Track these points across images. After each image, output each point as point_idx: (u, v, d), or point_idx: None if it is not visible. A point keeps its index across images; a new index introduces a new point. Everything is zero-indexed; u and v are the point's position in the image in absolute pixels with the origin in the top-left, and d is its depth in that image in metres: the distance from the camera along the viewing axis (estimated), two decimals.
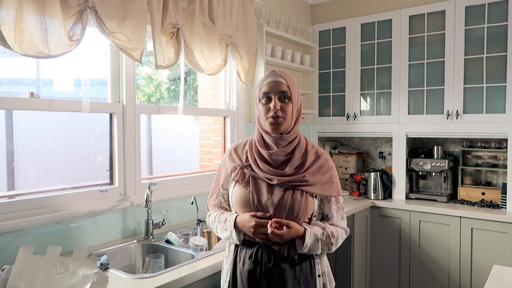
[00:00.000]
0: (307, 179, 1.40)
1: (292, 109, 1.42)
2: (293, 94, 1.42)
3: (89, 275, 1.32)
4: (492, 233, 2.62)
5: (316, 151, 1.48)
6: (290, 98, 1.41)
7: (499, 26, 2.72)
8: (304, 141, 1.48)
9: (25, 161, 1.93)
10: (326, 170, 1.45)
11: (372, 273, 3.09)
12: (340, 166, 3.59)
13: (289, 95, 1.41)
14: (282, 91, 1.41)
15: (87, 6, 1.64)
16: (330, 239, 1.39)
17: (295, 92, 1.43)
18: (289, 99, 1.41)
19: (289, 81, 1.42)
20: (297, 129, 1.46)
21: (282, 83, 1.41)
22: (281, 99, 1.41)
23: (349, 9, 3.38)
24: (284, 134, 1.43)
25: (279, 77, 1.42)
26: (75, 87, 2.04)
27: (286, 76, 1.43)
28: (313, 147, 1.49)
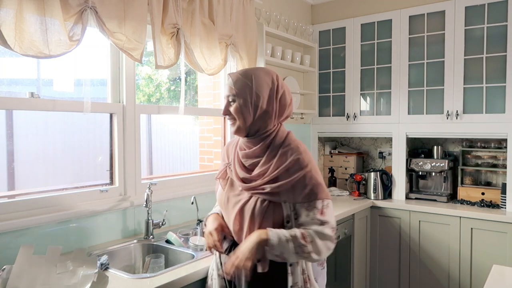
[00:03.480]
0: (269, 186, 1.31)
1: (240, 109, 1.33)
2: (238, 94, 1.33)
3: (89, 275, 1.32)
4: (492, 233, 2.62)
5: (286, 152, 1.34)
6: (236, 98, 1.34)
7: (499, 26, 2.72)
8: (280, 141, 1.37)
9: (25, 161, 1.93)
10: (294, 173, 1.30)
11: (372, 273, 3.09)
12: (340, 166, 3.59)
13: (234, 96, 1.34)
14: (228, 94, 1.36)
15: (87, 6, 1.64)
16: (300, 241, 1.24)
17: (242, 92, 1.33)
18: (235, 99, 1.34)
19: (235, 81, 1.34)
20: (269, 129, 1.36)
21: (230, 86, 1.36)
22: (230, 102, 1.36)
23: (349, 9, 3.38)
24: (249, 136, 1.37)
25: (228, 80, 1.37)
26: (75, 87, 2.04)
27: (234, 77, 1.36)
28: (287, 147, 1.36)
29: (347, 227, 2.78)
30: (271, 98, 1.35)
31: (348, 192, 3.39)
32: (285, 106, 1.40)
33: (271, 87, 1.35)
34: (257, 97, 1.33)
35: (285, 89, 1.40)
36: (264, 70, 1.39)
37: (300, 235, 1.25)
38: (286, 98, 1.39)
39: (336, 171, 3.60)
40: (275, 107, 1.36)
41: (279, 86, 1.37)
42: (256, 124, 1.34)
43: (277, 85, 1.36)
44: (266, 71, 1.39)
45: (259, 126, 1.35)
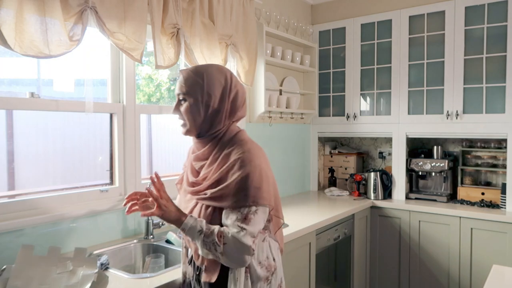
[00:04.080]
0: (209, 190, 1.24)
1: (190, 109, 1.26)
2: (189, 93, 1.26)
3: (89, 275, 1.32)
4: (491, 233, 2.62)
5: (230, 152, 1.25)
6: (186, 97, 1.27)
7: (499, 27, 2.73)
8: (226, 141, 1.29)
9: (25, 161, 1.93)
10: (232, 175, 1.21)
11: (372, 273, 3.09)
12: (340, 166, 3.59)
13: (184, 95, 1.27)
14: (178, 93, 1.29)
15: (87, 6, 1.64)
16: (214, 237, 1.17)
17: (193, 90, 1.26)
18: (186, 98, 1.27)
19: (186, 78, 1.27)
20: (218, 129, 1.28)
21: (180, 84, 1.29)
22: (180, 101, 1.29)
23: (349, 9, 3.38)
24: (200, 137, 1.31)
25: (179, 77, 1.30)
26: (75, 87, 2.04)
27: (185, 74, 1.28)
28: (232, 147, 1.27)
29: (347, 227, 2.78)
30: (223, 97, 1.27)
31: (348, 192, 3.39)
32: (238, 105, 1.32)
33: (223, 86, 1.28)
34: (208, 96, 1.26)
35: (239, 88, 1.33)
36: (217, 68, 1.31)
37: (218, 233, 1.18)
38: (239, 97, 1.32)
39: (336, 171, 3.60)
40: (226, 107, 1.28)
41: (232, 85, 1.30)
42: (207, 124, 1.28)
43: (230, 84, 1.29)
44: (220, 68, 1.31)
45: (210, 126, 1.28)
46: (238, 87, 1.33)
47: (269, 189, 1.25)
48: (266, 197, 1.22)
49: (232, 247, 1.17)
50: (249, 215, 1.19)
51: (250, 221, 1.19)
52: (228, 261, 1.20)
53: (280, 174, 3.24)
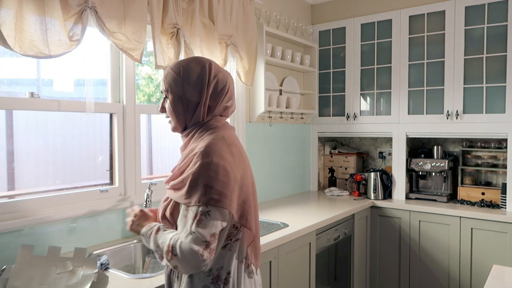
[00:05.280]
0: (170, 182, 1.22)
1: (171, 106, 1.25)
2: (168, 89, 1.24)
3: (89, 275, 1.32)
4: (492, 233, 2.62)
5: (195, 146, 1.20)
6: (167, 94, 1.25)
7: (499, 26, 2.72)
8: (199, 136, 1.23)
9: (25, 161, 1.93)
10: (187, 171, 1.16)
11: (372, 273, 3.09)
12: (340, 166, 3.59)
13: (165, 92, 1.26)
14: (161, 90, 1.28)
15: (87, 6, 1.64)
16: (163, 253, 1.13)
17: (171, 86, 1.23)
18: (167, 95, 1.26)
19: (165, 75, 1.25)
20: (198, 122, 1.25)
21: (162, 82, 1.27)
22: (165, 98, 1.28)
23: (349, 9, 3.38)
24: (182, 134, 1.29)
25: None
26: (75, 87, 2.04)
27: (165, 71, 1.27)
28: (200, 140, 1.22)
29: (347, 227, 2.78)
30: (201, 89, 1.22)
31: (348, 192, 3.39)
32: (219, 97, 1.25)
33: (202, 77, 1.22)
34: (185, 90, 1.22)
35: (220, 78, 1.25)
36: (196, 60, 1.27)
37: (166, 248, 1.11)
38: (219, 87, 1.24)
39: (336, 171, 3.60)
40: (205, 99, 1.23)
41: (211, 76, 1.23)
42: (189, 118, 1.25)
43: (208, 75, 1.23)
44: (198, 60, 1.26)
45: (192, 120, 1.25)
46: (219, 76, 1.25)
47: (229, 191, 1.13)
48: (220, 199, 1.10)
49: (180, 257, 1.09)
50: (200, 216, 1.09)
51: (201, 223, 1.09)
52: (183, 271, 1.15)
53: (280, 174, 3.24)
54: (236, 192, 1.16)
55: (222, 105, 1.27)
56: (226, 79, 1.28)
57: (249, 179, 1.26)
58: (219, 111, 1.27)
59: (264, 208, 2.77)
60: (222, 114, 1.29)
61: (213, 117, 1.25)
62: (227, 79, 1.28)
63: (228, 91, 1.28)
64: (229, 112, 1.31)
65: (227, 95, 1.28)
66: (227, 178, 1.13)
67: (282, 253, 2.09)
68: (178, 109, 1.24)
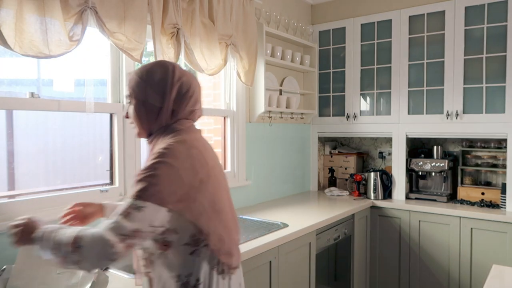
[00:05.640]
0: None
1: (135, 111, 1.21)
2: (132, 94, 1.21)
3: (89, 275, 1.32)
4: (491, 233, 2.62)
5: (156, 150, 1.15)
6: (130, 99, 1.22)
7: (499, 26, 2.73)
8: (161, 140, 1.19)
9: (25, 161, 1.93)
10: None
11: (372, 273, 3.09)
12: (340, 166, 3.59)
13: (129, 97, 1.22)
14: (125, 95, 1.25)
15: (87, 7, 1.64)
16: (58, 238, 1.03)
17: (134, 91, 1.20)
18: (130, 100, 1.22)
19: (129, 80, 1.22)
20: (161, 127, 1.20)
21: (126, 87, 1.24)
22: (129, 104, 1.24)
23: (349, 9, 3.38)
24: (147, 140, 1.25)
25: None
26: (75, 87, 2.04)
27: (129, 76, 1.24)
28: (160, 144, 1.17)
29: (347, 227, 2.78)
30: (164, 93, 1.18)
31: (348, 192, 3.39)
32: (183, 100, 1.21)
33: (165, 81, 1.18)
34: (148, 95, 1.18)
35: (183, 81, 1.21)
36: (159, 63, 1.23)
37: (69, 240, 1.02)
38: (182, 90, 1.21)
39: (336, 171, 3.60)
40: (168, 103, 1.19)
41: (174, 79, 1.19)
42: (152, 123, 1.20)
43: (172, 78, 1.19)
44: (161, 64, 1.23)
45: (155, 125, 1.20)
46: (183, 80, 1.21)
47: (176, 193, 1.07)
48: (162, 198, 1.04)
49: (86, 247, 1.00)
50: (130, 208, 1.02)
51: (128, 216, 1.01)
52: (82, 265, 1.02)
53: (280, 174, 3.24)
54: (188, 195, 1.10)
55: (187, 109, 1.23)
56: (191, 82, 1.23)
57: (215, 182, 1.19)
58: (185, 114, 1.22)
59: (264, 208, 2.77)
60: (188, 118, 1.24)
61: (177, 120, 1.21)
62: (192, 82, 1.24)
63: (193, 95, 1.24)
64: (196, 116, 1.27)
65: (192, 98, 1.23)
66: (177, 180, 1.08)
67: (282, 253, 2.09)
68: (141, 114, 1.20)
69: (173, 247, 1.11)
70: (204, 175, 1.15)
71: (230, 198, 1.29)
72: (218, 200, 1.18)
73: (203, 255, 1.13)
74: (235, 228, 1.26)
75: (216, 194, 1.19)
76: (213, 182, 1.18)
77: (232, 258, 1.21)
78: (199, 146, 1.20)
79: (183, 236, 1.11)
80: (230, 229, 1.22)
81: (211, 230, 1.13)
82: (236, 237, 1.25)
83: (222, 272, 1.17)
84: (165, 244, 1.11)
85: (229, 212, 1.23)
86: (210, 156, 1.23)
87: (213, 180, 1.19)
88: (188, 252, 1.12)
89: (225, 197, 1.24)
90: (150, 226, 1.04)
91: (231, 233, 1.22)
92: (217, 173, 1.23)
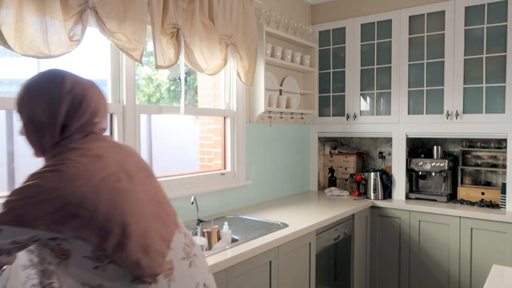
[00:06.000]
0: None
1: (24, 130, 1.09)
2: (19, 111, 1.08)
3: None
4: (491, 233, 2.62)
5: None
6: (20, 115, 1.09)
7: (499, 26, 2.73)
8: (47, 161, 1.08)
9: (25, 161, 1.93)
10: None
11: (372, 273, 3.09)
12: (340, 166, 3.59)
13: (18, 113, 1.09)
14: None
15: (87, 7, 1.64)
16: None
17: (20, 108, 1.07)
18: (20, 118, 1.09)
19: (17, 96, 1.09)
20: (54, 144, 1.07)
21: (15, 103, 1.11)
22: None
23: (349, 9, 3.38)
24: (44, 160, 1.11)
25: None
26: None
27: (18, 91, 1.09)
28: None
29: (347, 227, 2.78)
30: (52, 107, 1.05)
31: (348, 192, 3.39)
32: (77, 113, 1.08)
33: (52, 94, 1.06)
34: (35, 110, 1.05)
35: (76, 92, 1.08)
36: (47, 74, 1.09)
37: None
38: (75, 102, 1.08)
39: (336, 171, 3.60)
40: (56, 118, 1.05)
41: (64, 90, 1.06)
42: (44, 141, 1.07)
43: (60, 90, 1.06)
44: (49, 74, 1.09)
45: (46, 143, 1.08)
46: (76, 91, 1.08)
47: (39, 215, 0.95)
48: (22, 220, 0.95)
49: None
50: None
51: None
52: None
53: (280, 174, 3.24)
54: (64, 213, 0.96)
55: (83, 123, 1.09)
56: (85, 93, 1.09)
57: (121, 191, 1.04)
58: (81, 129, 1.09)
59: (264, 208, 2.77)
60: (88, 131, 1.11)
61: (69, 136, 1.07)
62: (87, 92, 1.10)
63: (89, 107, 1.10)
64: (97, 127, 1.13)
65: (88, 111, 1.10)
66: (46, 201, 0.95)
67: (282, 253, 2.09)
68: (30, 132, 1.07)
69: (72, 257, 0.99)
70: (90, 187, 0.99)
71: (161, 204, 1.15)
72: (127, 209, 1.03)
73: (112, 270, 1.00)
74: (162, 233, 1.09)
75: (126, 202, 1.03)
76: (117, 192, 1.03)
77: (149, 268, 1.03)
78: (91, 159, 1.04)
79: (80, 250, 0.98)
80: (149, 237, 1.05)
81: (110, 247, 0.98)
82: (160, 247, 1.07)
83: (142, 283, 1.02)
84: (63, 253, 0.99)
85: (152, 219, 1.08)
86: (115, 162, 1.08)
87: (118, 190, 1.04)
88: (92, 266, 0.99)
89: (144, 205, 1.09)
90: (11, 243, 0.95)
91: (153, 242, 1.05)
92: (130, 179, 1.08)
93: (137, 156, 1.20)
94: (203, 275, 1.15)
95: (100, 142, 1.12)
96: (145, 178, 1.16)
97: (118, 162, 1.09)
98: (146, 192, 1.12)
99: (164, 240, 1.08)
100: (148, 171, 1.19)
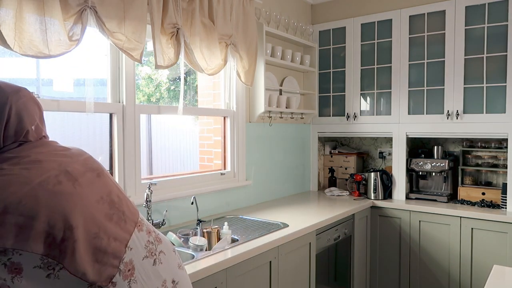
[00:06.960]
0: None
1: None
2: None
3: None
4: (492, 233, 2.62)
5: None
6: None
7: (499, 26, 2.72)
8: None
9: None
10: None
11: (372, 273, 3.09)
12: (340, 166, 3.59)
13: None
14: None
15: (87, 6, 1.64)
16: None
17: None
18: None
19: None
20: None
21: None
22: None
23: (349, 9, 3.38)
24: None
25: None
26: (75, 87, 2.03)
27: None
28: None
29: (347, 227, 2.78)
30: None
31: (348, 192, 3.38)
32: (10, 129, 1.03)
33: None
34: None
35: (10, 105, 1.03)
36: None
37: None
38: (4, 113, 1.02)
39: (336, 171, 3.59)
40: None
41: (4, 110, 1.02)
42: None
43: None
44: None
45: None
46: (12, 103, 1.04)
47: None
48: None
49: None
50: None
51: None
52: None
53: (280, 174, 3.24)
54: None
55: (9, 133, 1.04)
56: (4, 101, 1.03)
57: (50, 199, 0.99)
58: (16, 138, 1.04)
59: (264, 208, 2.77)
60: (22, 140, 1.05)
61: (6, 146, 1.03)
62: (6, 100, 1.03)
63: (11, 115, 1.04)
64: (29, 135, 1.07)
65: (12, 120, 1.04)
66: None
67: (282, 253, 2.09)
68: None
69: (25, 269, 0.94)
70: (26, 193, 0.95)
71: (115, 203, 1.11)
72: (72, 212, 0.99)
73: (66, 278, 0.96)
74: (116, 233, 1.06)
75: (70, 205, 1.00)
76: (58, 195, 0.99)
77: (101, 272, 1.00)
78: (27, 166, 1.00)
79: (29, 261, 0.94)
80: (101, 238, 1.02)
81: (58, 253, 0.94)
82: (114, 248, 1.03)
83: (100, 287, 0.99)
84: (15, 267, 0.94)
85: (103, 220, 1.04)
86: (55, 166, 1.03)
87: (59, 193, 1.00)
88: (44, 275, 0.95)
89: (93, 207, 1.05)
90: None
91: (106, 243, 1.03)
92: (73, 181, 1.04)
93: (86, 157, 1.14)
94: (171, 272, 1.11)
95: (39, 148, 1.06)
96: (93, 178, 1.09)
97: (59, 165, 1.03)
98: (94, 193, 1.06)
99: (119, 241, 1.04)
100: (98, 171, 1.12)
